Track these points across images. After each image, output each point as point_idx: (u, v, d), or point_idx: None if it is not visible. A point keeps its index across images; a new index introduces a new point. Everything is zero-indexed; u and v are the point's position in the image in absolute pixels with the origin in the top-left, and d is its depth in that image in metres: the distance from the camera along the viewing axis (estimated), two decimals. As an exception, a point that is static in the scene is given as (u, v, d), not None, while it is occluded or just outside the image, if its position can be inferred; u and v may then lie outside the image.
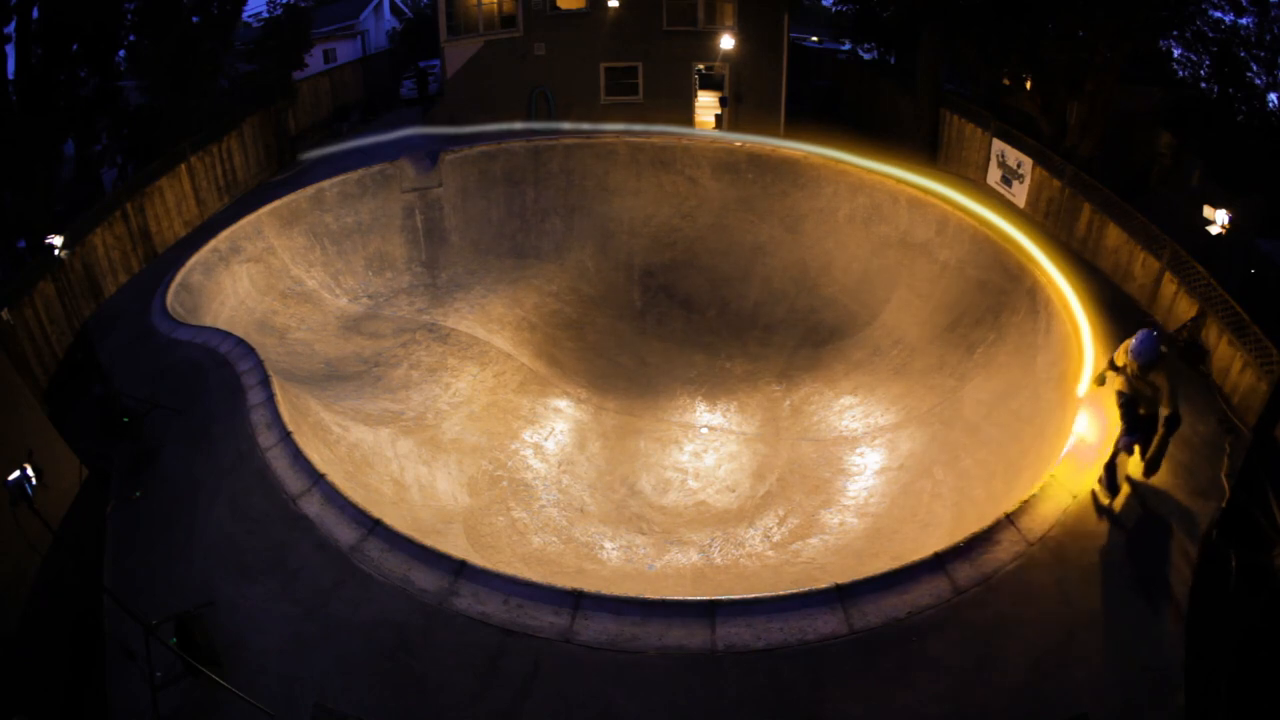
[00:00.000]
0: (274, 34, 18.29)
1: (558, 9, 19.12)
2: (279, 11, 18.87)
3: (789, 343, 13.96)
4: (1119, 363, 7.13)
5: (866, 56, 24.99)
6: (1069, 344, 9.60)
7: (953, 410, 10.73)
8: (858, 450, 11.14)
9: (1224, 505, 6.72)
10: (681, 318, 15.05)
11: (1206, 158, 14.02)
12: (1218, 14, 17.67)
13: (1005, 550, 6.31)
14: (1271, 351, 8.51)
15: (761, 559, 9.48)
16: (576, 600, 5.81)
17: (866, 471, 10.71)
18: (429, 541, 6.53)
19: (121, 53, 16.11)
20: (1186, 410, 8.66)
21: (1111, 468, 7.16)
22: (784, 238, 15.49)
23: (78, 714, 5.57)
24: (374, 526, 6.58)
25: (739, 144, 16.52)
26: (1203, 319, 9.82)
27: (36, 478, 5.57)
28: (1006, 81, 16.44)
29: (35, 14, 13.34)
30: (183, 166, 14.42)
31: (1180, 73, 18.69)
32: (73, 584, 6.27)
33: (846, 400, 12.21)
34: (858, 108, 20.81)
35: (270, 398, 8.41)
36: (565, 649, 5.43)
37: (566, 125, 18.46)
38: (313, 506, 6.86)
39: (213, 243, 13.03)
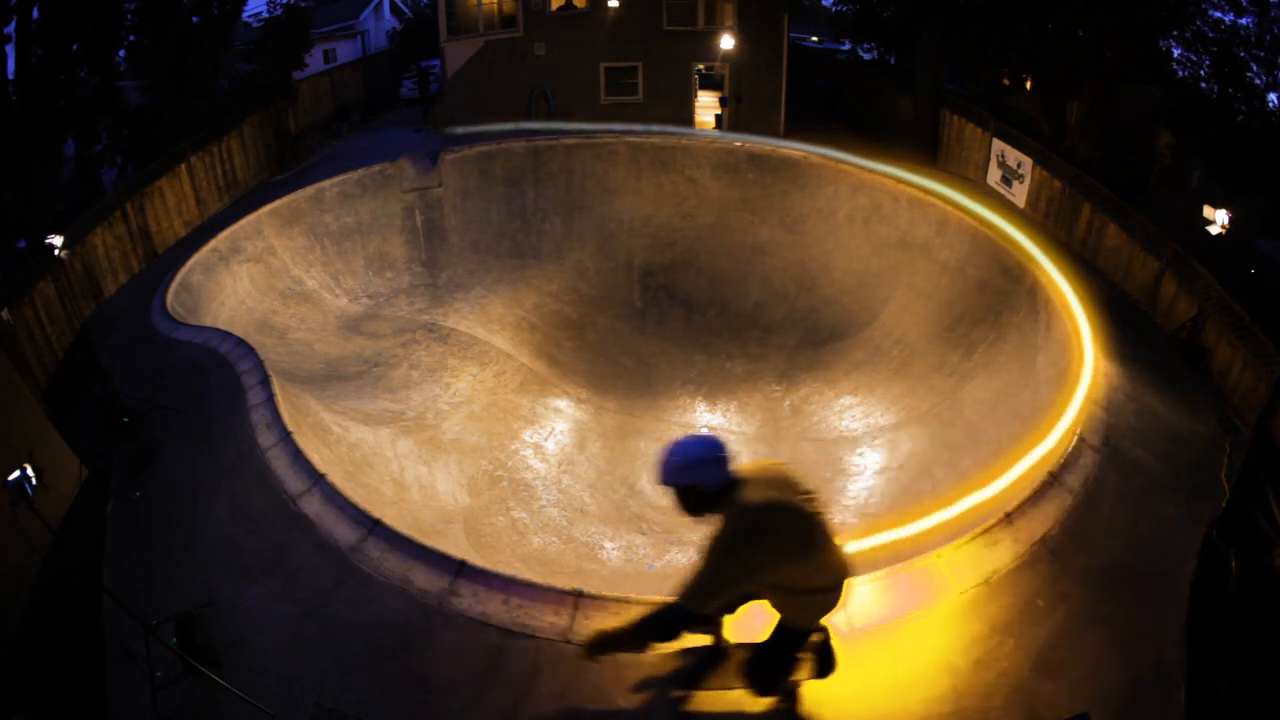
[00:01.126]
0: (274, 34, 18.30)
1: (569, 7, 19.07)
2: (279, 11, 18.89)
3: (789, 343, 13.96)
4: None
5: (866, 56, 25.00)
6: (1069, 344, 9.59)
7: (953, 410, 10.73)
8: (858, 450, 11.14)
9: (1224, 505, 6.72)
10: (681, 318, 15.05)
11: (1206, 158, 14.04)
12: (1218, 14, 17.70)
13: (1005, 550, 6.31)
14: (1271, 351, 8.52)
15: (761, 559, 9.47)
16: (576, 600, 5.81)
17: (866, 471, 10.71)
18: (429, 541, 6.52)
19: (121, 53, 16.11)
20: (1184, 411, 8.67)
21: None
22: (784, 238, 15.49)
23: (78, 714, 5.57)
24: (374, 526, 6.58)
25: (739, 144, 16.52)
26: (1203, 319, 9.83)
27: (36, 478, 5.58)
28: (1006, 81, 16.48)
29: (35, 14, 13.34)
30: (183, 166, 14.42)
31: (1180, 73, 18.71)
32: (73, 584, 6.27)
33: (846, 400, 12.21)
34: (858, 108, 20.82)
35: (270, 398, 8.40)
36: (565, 649, 5.43)
37: (566, 125, 18.46)
38: (313, 506, 6.85)
39: (213, 243, 13.02)
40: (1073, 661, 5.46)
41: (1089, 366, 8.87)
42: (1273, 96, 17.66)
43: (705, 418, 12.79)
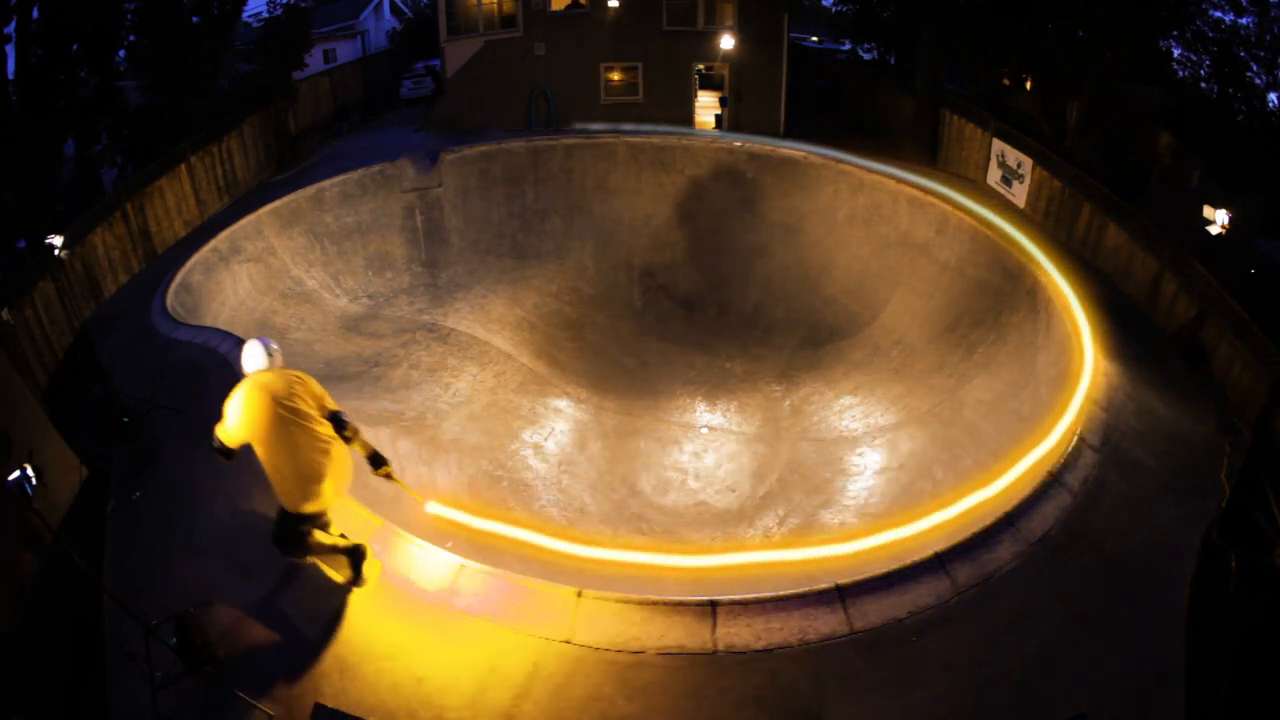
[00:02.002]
0: (274, 34, 18.30)
1: (574, 6, 19.03)
2: (279, 11, 18.90)
3: (789, 343, 13.96)
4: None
5: (866, 56, 25.00)
6: (1069, 344, 9.60)
7: (953, 410, 10.73)
8: (858, 450, 11.14)
9: (1224, 505, 6.73)
10: (681, 318, 15.05)
11: (1206, 158, 14.03)
12: (1218, 14, 17.70)
13: (1005, 550, 6.31)
14: (1271, 351, 8.52)
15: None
16: (577, 600, 5.82)
17: (866, 471, 10.71)
18: (429, 541, 6.52)
19: (121, 53, 16.10)
20: (1184, 411, 8.67)
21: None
22: (784, 238, 15.49)
23: (78, 714, 5.57)
24: (374, 527, 6.58)
25: (739, 144, 16.52)
26: (1202, 319, 9.83)
27: (36, 478, 5.57)
28: (1006, 81, 16.47)
29: (35, 14, 13.33)
30: (183, 166, 14.41)
31: (1180, 73, 18.71)
32: (73, 584, 6.26)
33: (846, 400, 12.21)
34: (858, 108, 20.82)
35: (270, 398, 8.40)
36: (565, 649, 5.43)
37: (566, 125, 18.48)
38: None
39: (213, 243, 13.01)
40: (1073, 661, 5.46)
41: (1089, 367, 8.88)
42: (1273, 96, 17.67)
43: (705, 417, 12.79)
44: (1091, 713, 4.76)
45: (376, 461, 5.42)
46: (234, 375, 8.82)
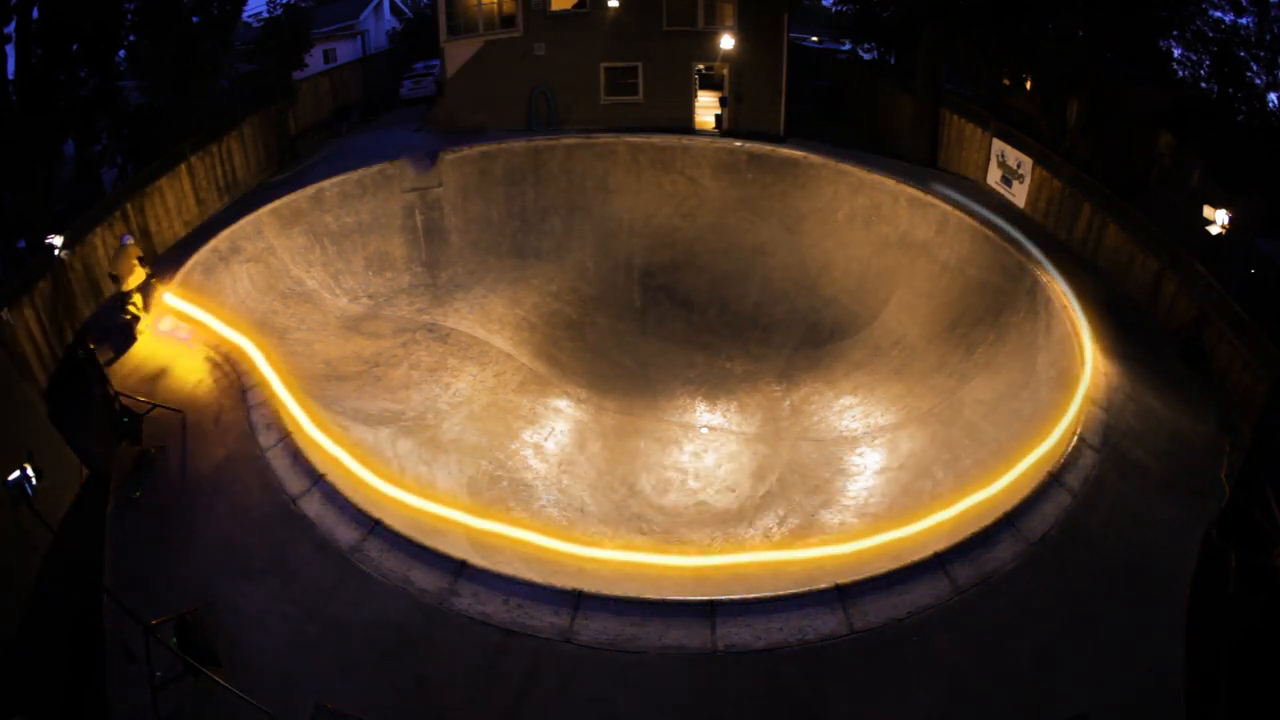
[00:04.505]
0: (274, 34, 18.27)
1: (580, 4, 18.97)
2: (279, 11, 18.85)
3: (789, 343, 13.96)
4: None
5: (866, 56, 24.98)
6: (1069, 344, 9.60)
7: (953, 410, 10.73)
8: (858, 450, 11.14)
9: (1224, 505, 6.72)
10: (681, 318, 15.05)
11: (1206, 158, 14.01)
12: (1218, 14, 17.66)
13: (1005, 550, 6.31)
14: (1271, 351, 8.52)
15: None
16: (576, 600, 5.82)
17: (866, 471, 10.71)
18: (429, 541, 6.53)
19: (121, 53, 16.08)
20: (1184, 411, 8.66)
21: None
22: (784, 238, 15.49)
23: (78, 714, 5.56)
24: (374, 526, 6.59)
25: (739, 144, 16.52)
26: (1203, 319, 9.83)
27: (36, 478, 5.57)
28: (1006, 81, 16.46)
29: (35, 14, 13.32)
30: (183, 166, 14.39)
31: (1180, 73, 18.68)
32: (73, 584, 6.26)
33: (846, 400, 12.21)
34: (858, 108, 20.82)
35: (270, 398, 8.41)
36: (565, 649, 5.44)
37: (566, 125, 18.44)
38: (313, 506, 6.86)
39: (213, 243, 13.01)
40: (1073, 661, 5.46)
41: (1089, 367, 8.88)
42: (1273, 96, 17.64)
43: (705, 417, 12.79)
44: (1091, 713, 4.76)
45: (152, 273, 11.03)
46: (233, 374, 8.86)
